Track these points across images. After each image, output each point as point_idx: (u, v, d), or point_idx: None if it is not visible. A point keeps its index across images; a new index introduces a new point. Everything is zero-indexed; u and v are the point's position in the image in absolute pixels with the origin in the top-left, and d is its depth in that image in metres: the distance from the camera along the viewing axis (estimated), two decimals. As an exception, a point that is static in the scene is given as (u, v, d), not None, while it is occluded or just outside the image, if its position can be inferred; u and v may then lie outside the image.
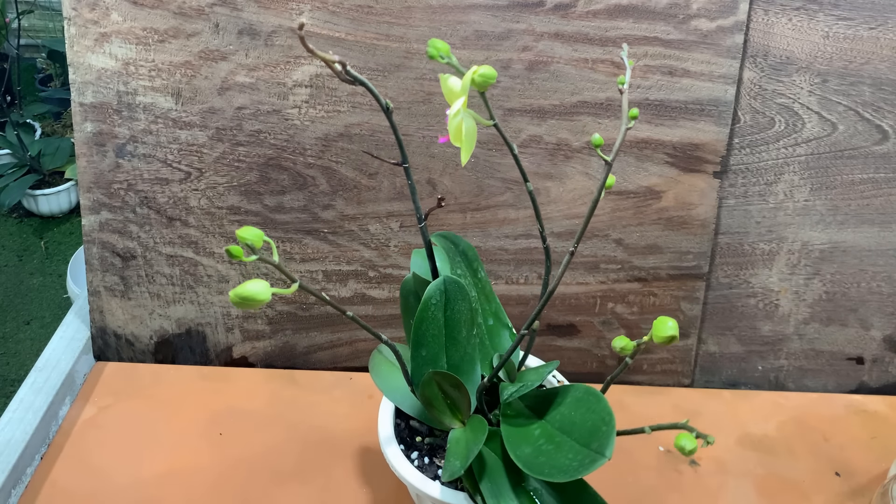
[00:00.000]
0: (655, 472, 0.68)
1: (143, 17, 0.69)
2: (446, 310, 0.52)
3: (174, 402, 0.74)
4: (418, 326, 0.52)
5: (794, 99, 0.71)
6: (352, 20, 0.69)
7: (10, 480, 0.64)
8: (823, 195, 0.73)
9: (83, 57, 0.70)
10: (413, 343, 0.53)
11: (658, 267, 0.75)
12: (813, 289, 0.76)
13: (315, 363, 0.78)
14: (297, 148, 0.72)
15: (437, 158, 0.72)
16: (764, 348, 0.77)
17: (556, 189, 0.73)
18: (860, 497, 0.67)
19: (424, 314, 0.52)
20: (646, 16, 0.69)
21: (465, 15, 0.69)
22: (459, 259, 0.58)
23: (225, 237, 0.75)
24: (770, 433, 0.73)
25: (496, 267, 0.75)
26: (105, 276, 0.76)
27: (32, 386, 0.71)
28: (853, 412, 0.76)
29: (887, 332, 0.77)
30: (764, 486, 0.68)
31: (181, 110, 0.71)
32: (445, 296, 0.52)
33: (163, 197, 0.74)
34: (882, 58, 0.70)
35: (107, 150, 0.73)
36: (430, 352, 0.53)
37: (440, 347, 0.53)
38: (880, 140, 0.72)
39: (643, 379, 0.78)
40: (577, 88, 0.70)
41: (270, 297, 0.41)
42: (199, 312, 0.77)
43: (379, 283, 0.76)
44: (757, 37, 0.69)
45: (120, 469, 0.67)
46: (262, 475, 0.66)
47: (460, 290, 0.52)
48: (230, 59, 0.70)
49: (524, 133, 0.71)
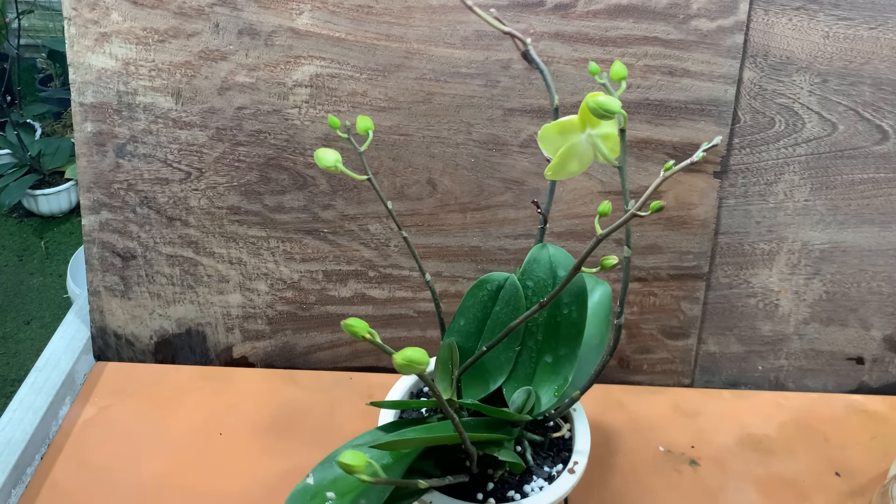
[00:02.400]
0: (655, 472, 0.68)
1: (143, 17, 0.69)
2: (494, 303, 0.54)
3: (174, 402, 0.74)
4: (467, 298, 0.54)
5: (795, 99, 0.71)
6: (352, 20, 0.69)
7: (10, 480, 0.64)
8: (823, 195, 0.73)
9: (83, 57, 0.70)
10: (458, 309, 0.55)
11: (658, 267, 0.75)
12: (813, 289, 0.76)
13: (315, 363, 0.78)
14: (297, 148, 0.72)
15: (437, 158, 0.72)
16: (764, 348, 0.77)
17: (556, 189, 0.73)
18: (860, 497, 0.67)
19: (476, 291, 0.54)
20: (646, 16, 0.69)
21: (466, 15, 0.69)
22: (552, 283, 0.55)
23: (225, 237, 0.75)
24: (770, 433, 0.73)
25: (496, 267, 0.75)
26: (105, 276, 0.76)
27: (32, 386, 0.71)
28: (853, 412, 0.76)
29: (887, 332, 0.77)
30: (764, 486, 0.68)
31: (181, 110, 0.71)
32: (499, 291, 0.53)
33: (163, 197, 0.74)
34: (882, 58, 0.70)
35: (107, 150, 0.73)
36: (467, 328, 0.54)
37: (476, 331, 0.55)
38: (880, 140, 0.72)
39: (643, 379, 0.78)
40: (577, 88, 0.70)
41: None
42: (199, 312, 0.77)
43: (379, 283, 0.76)
44: (757, 37, 0.69)
45: (120, 469, 0.67)
46: (262, 475, 0.66)
47: (514, 297, 0.53)
48: (230, 59, 0.70)
49: (524, 133, 0.71)
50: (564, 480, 0.53)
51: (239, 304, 0.76)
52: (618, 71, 0.45)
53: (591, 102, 0.41)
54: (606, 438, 0.70)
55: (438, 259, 0.75)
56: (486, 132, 0.72)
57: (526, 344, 0.55)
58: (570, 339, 0.53)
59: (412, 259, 0.75)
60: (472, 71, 0.70)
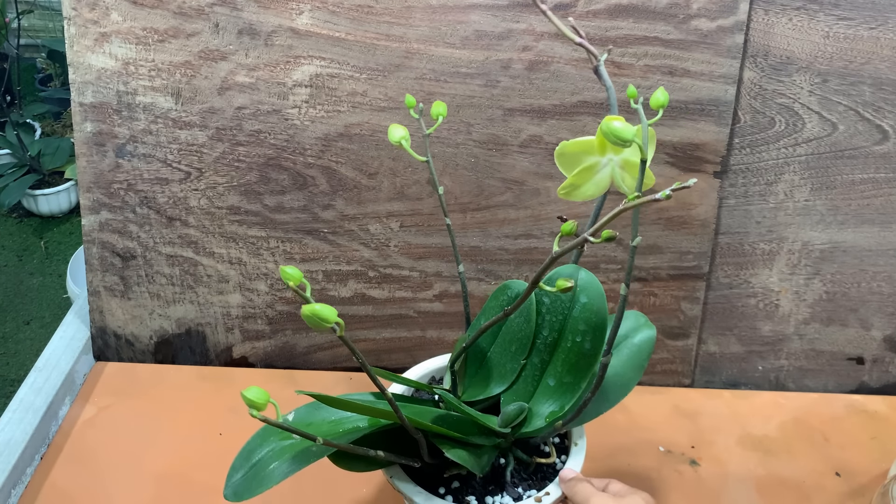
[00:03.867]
0: (655, 472, 0.68)
1: (143, 17, 0.69)
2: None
3: (174, 402, 0.74)
4: (491, 300, 0.55)
5: (795, 99, 0.71)
6: (352, 20, 0.69)
7: (10, 480, 0.63)
8: (824, 195, 0.73)
9: (83, 57, 0.70)
10: (482, 309, 0.55)
11: (658, 267, 0.75)
12: (813, 289, 0.76)
13: (315, 363, 0.78)
14: (297, 148, 0.72)
15: (437, 158, 0.72)
16: (764, 348, 0.77)
17: (556, 189, 0.73)
18: (860, 497, 0.67)
19: (498, 294, 0.55)
20: (646, 16, 0.69)
21: (466, 15, 0.69)
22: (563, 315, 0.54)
23: (225, 237, 0.75)
24: (770, 433, 0.73)
25: (496, 267, 0.75)
26: (105, 276, 0.76)
27: (32, 386, 0.71)
28: (853, 412, 0.76)
29: (887, 332, 0.77)
30: (764, 486, 0.68)
31: (181, 110, 0.71)
32: (515, 298, 0.54)
33: (163, 197, 0.74)
34: (882, 58, 0.70)
35: (107, 150, 0.73)
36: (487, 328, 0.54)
37: (493, 333, 0.56)
38: (880, 140, 0.72)
39: (643, 379, 0.78)
40: (577, 88, 0.70)
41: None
42: (199, 312, 0.77)
43: (379, 283, 0.76)
44: (757, 37, 0.69)
45: (120, 469, 0.67)
46: (262, 475, 0.66)
47: (527, 308, 0.53)
48: (230, 59, 0.70)
49: (524, 133, 0.71)
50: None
51: (239, 305, 0.76)
52: (658, 99, 0.42)
53: (605, 128, 0.37)
54: (606, 438, 0.70)
55: (438, 259, 0.75)
56: (486, 132, 0.71)
57: (531, 360, 0.54)
58: (578, 370, 0.52)
59: (412, 259, 0.75)
60: (472, 71, 0.70)
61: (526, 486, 0.55)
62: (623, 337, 0.55)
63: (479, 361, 0.56)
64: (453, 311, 0.76)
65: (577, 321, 0.52)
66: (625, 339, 0.55)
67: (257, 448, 0.50)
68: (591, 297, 0.52)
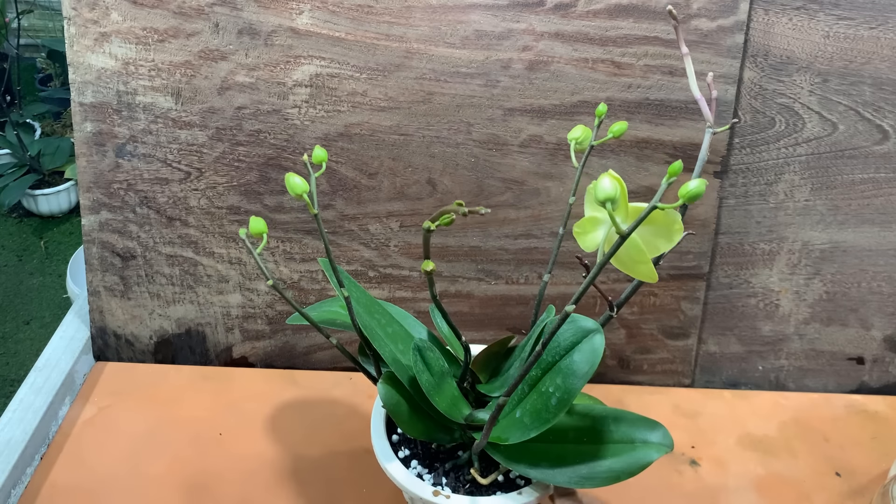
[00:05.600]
0: (655, 472, 0.68)
1: (143, 17, 0.69)
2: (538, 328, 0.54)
3: (174, 402, 0.74)
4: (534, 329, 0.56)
5: (795, 99, 0.71)
6: (352, 20, 0.69)
7: (10, 480, 0.63)
8: (824, 195, 0.73)
9: (83, 57, 0.70)
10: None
11: (658, 266, 0.75)
12: (813, 289, 0.76)
13: (315, 363, 0.78)
14: (297, 148, 0.72)
15: (437, 158, 0.72)
16: (764, 348, 0.77)
17: (556, 189, 0.73)
18: (860, 497, 0.67)
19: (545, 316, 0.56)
20: (646, 16, 0.69)
21: (466, 14, 0.69)
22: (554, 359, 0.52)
23: (225, 237, 0.75)
24: (770, 433, 0.73)
25: (496, 267, 0.75)
26: (105, 276, 0.76)
27: (32, 386, 0.71)
28: (853, 412, 0.76)
29: (888, 332, 0.77)
30: (764, 486, 0.68)
31: (181, 110, 0.71)
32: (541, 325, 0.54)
33: (163, 197, 0.74)
34: (882, 57, 0.70)
35: (107, 149, 0.73)
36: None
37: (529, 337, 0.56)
38: (881, 140, 0.72)
39: (643, 379, 0.78)
40: (577, 88, 0.70)
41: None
42: (199, 312, 0.77)
43: (379, 283, 0.76)
44: (757, 36, 0.69)
45: (120, 469, 0.67)
46: (262, 475, 0.66)
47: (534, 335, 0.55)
48: (230, 58, 0.70)
49: (524, 133, 0.71)
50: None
51: (239, 304, 0.76)
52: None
53: (593, 185, 0.39)
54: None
55: (438, 259, 0.75)
56: (486, 132, 0.72)
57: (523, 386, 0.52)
58: (538, 419, 0.49)
59: (412, 259, 0.75)
60: (472, 71, 0.70)
61: (469, 488, 0.55)
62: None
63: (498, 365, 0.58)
64: (453, 311, 0.76)
65: (559, 374, 0.50)
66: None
67: None
68: (582, 361, 0.49)
